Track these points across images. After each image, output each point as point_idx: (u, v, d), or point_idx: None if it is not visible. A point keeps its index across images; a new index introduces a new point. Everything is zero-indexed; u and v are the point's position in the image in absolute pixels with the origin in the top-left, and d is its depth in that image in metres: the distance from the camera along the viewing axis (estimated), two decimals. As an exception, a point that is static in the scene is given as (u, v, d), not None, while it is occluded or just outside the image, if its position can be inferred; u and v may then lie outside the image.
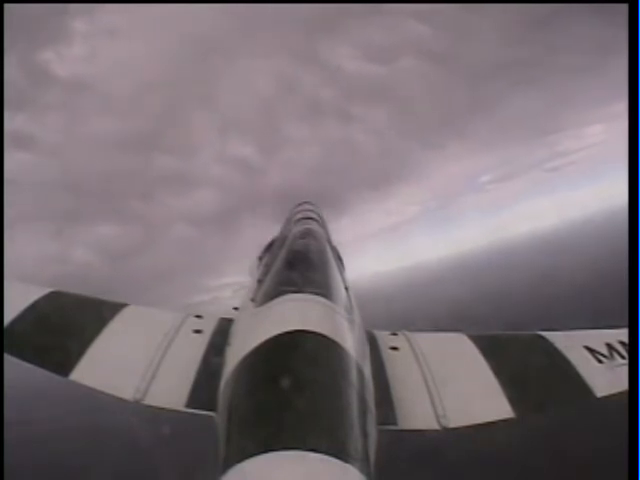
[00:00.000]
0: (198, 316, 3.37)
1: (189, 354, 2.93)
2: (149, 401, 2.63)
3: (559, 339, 3.25)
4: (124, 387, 2.69)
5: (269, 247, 4.36)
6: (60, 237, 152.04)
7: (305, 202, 5.16)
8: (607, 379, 2.95)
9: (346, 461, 1.66)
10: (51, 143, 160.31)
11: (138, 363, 2.83)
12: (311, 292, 2.61)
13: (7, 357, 2.90)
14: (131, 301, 3.51)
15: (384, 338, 3.23)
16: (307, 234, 3.88)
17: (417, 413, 2.65)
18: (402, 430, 2.55)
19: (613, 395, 2.88)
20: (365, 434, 1.94)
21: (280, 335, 2.19)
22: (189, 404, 2.61)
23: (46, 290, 3.46)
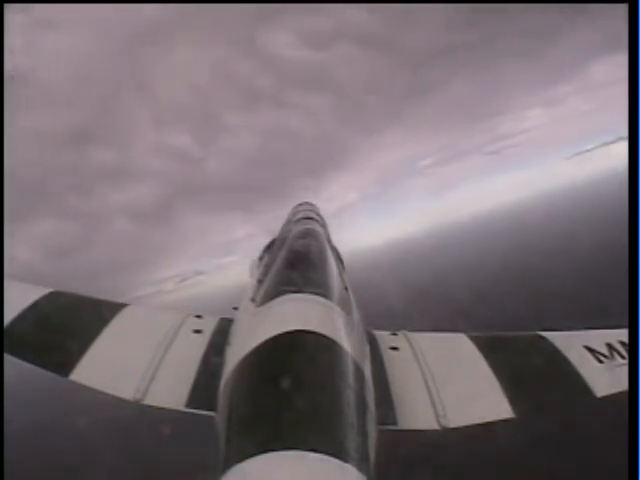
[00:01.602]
0: (198, 316, 3.38)
1: (189, 354, 2.93)
2: (149, 401, 2.64)
3: (559, 339, 3.25)
4: (124, 387, 2.70)
5: (269, 247, 4.37)
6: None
7: (305, 202, 5.18)
8: (607, 379, 2.95)
9: (346, 461, 1.67)
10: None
11: (138, 363, 2.83)
12: (311, 292, 2.61)
13: (7, 357, 2.91)
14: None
15: (384, 338, 3.23)
16: (307, 234, 3.88)
17: (417, 413, 2.65)
18: (402, 430, 2.55)
19: (613, 395, 2.88)
20: (365, 434, 1.94)
21: (280, 335, 2.19)
22: (189, 404, 2.61)
23: (46, 290, 3.46)
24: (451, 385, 2.82)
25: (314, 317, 2.40)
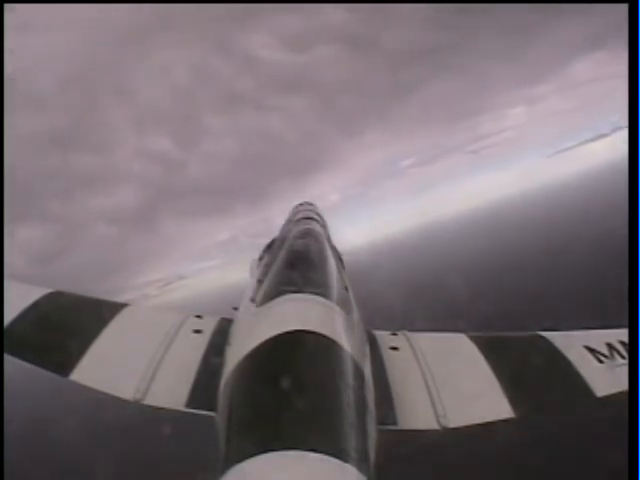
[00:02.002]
0: (198, 316, 3.38)
1: (189, 354, 2.93)
2: (149, 401, 2.64)
3: (559, 339, 3.25)
4: (124, 387, 2.69)
5: (269, 247, 4.37)
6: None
7: (305, 202, 5.18)
8: (607, 379, 2.95)
9: (346, 461, 1.67)
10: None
11: (138, 363, 2.83)
12: (311, 292, 2.61)
13: (7, 357, 2.91)
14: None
15: (384, 338, 3.23)
16: (307, 234, 3.88)
17: (417, 413, 2.65)
18: (402, 430, 2.55)
19: (613, 395, 2.88)
20: (365, 434, 1.94)
21: (280, 335, 2.19)
22: (189, 404, 2.61)
23: (46, 290, 3.46)
24: (451, 385, 2.82)
25: (314, 317, 2.40)
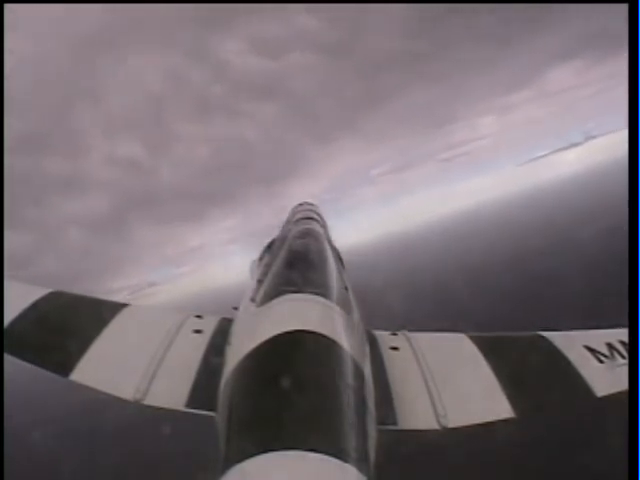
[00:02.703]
0: (198, 316, 3.38)
1: (189, 354, 2.93)
2: (149, 401, 2.64)
3: (559, 339, 3.25)
4: (124, 387, 2.69)
5: (269, 247, 4.37)
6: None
7: (305, 202, 5.18)
8: (608, 379, 2.95)
9: (346, 461, 1.67)
10: None
11: (138, 363, 2.83)
12: (311, 292, 2.61)
13: (7, 357, 2.91)
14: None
15: (384, 338, 3.23)
16: (307, 234, 3.88)
17: (417, 413, 2.65)
18: (402, 430, 2.55)
19: (613, 395, 2.88)
20: (365, 434, 1.94)
21: (280, 335, 2.19)
22: (189, 404, 2.61)
23: (46, 290, 3.46)
24: (451, 385, 2.82)
25: (314, 317, 2.40)
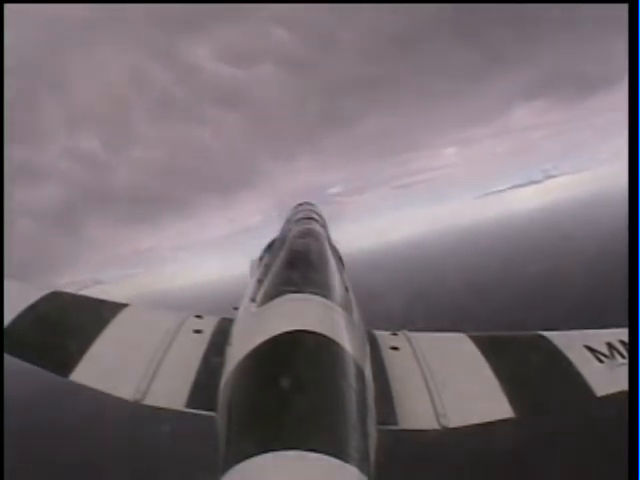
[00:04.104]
0: (198, 316, 3.38)
1: (189, 354, 2.93)
2: (149, 401, 2.63)
3: (560, 339, 3.25)
4: (124, 387, 2.69)
5: (269, 247, 4.37)
6: None
7: (305, 202, 5.18)
8: (608, 379, 2.95)
9: (346, 461, 1.67)
10: None
11: (138, 363, 2.83)
12: (311, 292, 2.61)
13: (7, 357, 2.91)
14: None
15: (384, 338, 3.23)
16: (307, 234, 3.88)
17: (417, 413, 2.64)
18: (402, 430, 2.55)
19: (613, 395, 2.88)
20: (365, 434, 1.93)
21: (280, 335, 2.19)
22: (189, 404, 2.61)
23: (46, 290, 3.46)
24: (451, 385, 2.82)
25: (314, 317, 2.40)
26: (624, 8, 3.21)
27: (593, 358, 3.09)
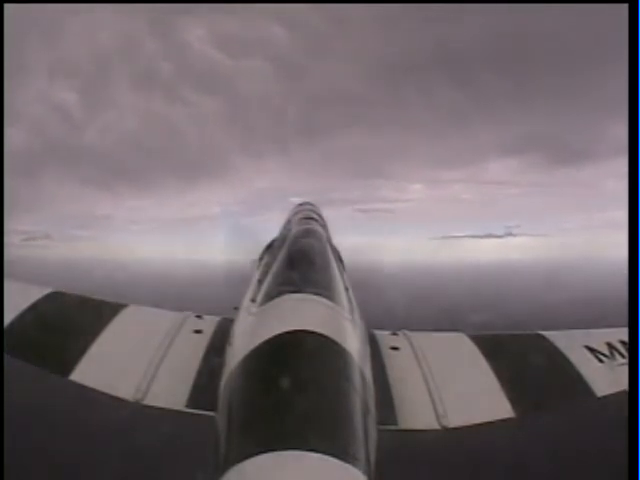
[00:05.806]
0: (198, 316, 3.38)
1: (189, 354, 2.93)
2: (149, 401, 2.64)
3: (560, 339, 3.25)
4: (124, 387, 2.70)
5: (269, 247, 4.36)
6: None
7: (305, 202, 5.17)
8: (608, 379, 2.95)
9: (346, 461, 1.67)
10: None
11: (138, 363, 2.83)
12: (311, 292, 2.61)
13: (7, 357, 2.91)
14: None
15: (384, 338, 3.23)
16: (307, 234, 3.87)
17: (417, 413, 2.65)
18: (402, 430, 2.55)
19: (613, 395, 2.88)
20: (365, 434, 1.93)
21: (280, 335, 2.18)
22: (189, 404, 2.61)
23: (46, 290, 3.46)
24: (451, 385, 2.82)
25: (314, 317, 2.39)
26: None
27: (593, 358, 3.09)
